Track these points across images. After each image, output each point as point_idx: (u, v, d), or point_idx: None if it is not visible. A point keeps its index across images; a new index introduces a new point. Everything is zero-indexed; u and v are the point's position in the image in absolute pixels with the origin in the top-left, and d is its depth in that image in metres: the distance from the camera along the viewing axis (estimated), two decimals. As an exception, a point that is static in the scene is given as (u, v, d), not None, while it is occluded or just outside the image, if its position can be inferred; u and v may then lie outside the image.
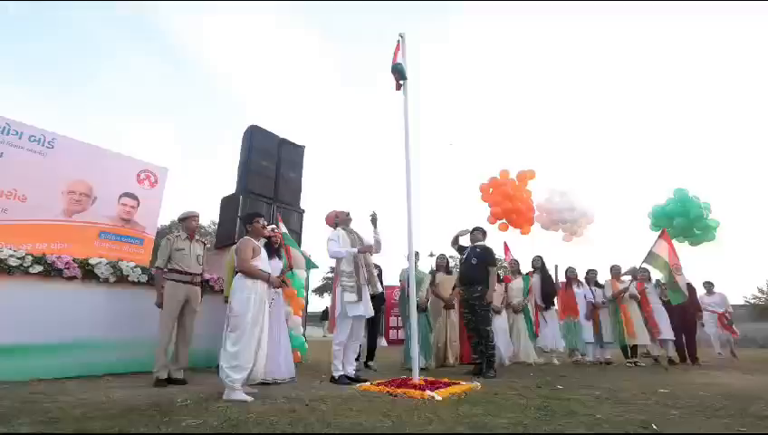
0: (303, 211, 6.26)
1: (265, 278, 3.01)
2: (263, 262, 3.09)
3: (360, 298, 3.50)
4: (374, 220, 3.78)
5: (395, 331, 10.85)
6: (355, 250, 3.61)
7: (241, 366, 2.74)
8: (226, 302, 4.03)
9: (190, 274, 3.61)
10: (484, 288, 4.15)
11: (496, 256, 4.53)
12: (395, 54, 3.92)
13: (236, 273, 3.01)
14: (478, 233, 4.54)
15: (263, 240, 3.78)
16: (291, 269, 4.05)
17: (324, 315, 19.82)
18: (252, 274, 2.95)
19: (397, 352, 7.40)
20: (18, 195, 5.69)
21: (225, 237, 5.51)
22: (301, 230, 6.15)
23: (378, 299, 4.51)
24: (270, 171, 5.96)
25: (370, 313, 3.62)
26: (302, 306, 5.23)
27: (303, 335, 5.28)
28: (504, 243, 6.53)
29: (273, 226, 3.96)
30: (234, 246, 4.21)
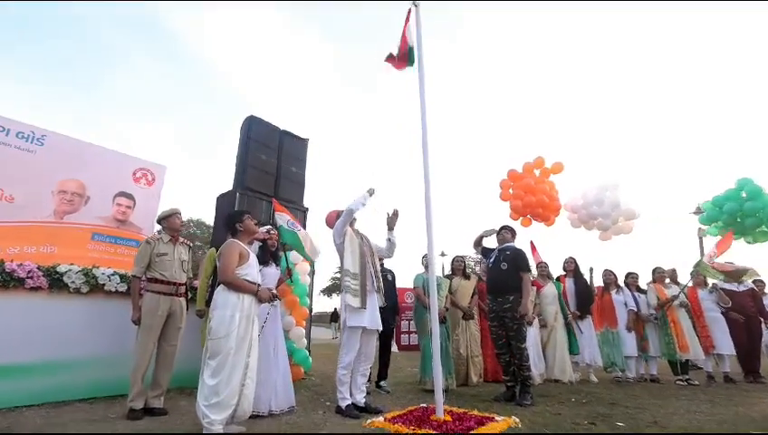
0: (307, 209, 5.70)
1: (253, 291, 2.45)
2: (252, 270, 2.53)
3: (363, 305, 2.92)
4: (392, 220, 3.22)
5: (407, 336, 10.24)
6: (367, 194, 3.09)
7: (222, 403, 2.19)
8: (199, 316, 3.49)
9: (174, 283, 3.08)
10: (518, 298, 3.52)
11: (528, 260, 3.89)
12: (404, 28, 3.33)
13: (219, 284, 2.46)
14: (507, 233, 3.90)
15: (256, 243, 3.23)
16: (290, 276, 3.49)
17: (334, 317, 19.34)
18: (237, 286, 2.40)
19: (409, 359, 6.81)
20: (5, 195, 5.31)
21: (220, 240, 4.97)
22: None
23: (390, 310, 3.93)
24: (270, 166, 5.41)
25: (378, 325, 3.04)
26: (306, 316, 4.68)
27: (308, 348, 4.73)
28: (531, 242, 5.86)
29: (269, 226, 3.40)
30: (212, 249, 3.65)
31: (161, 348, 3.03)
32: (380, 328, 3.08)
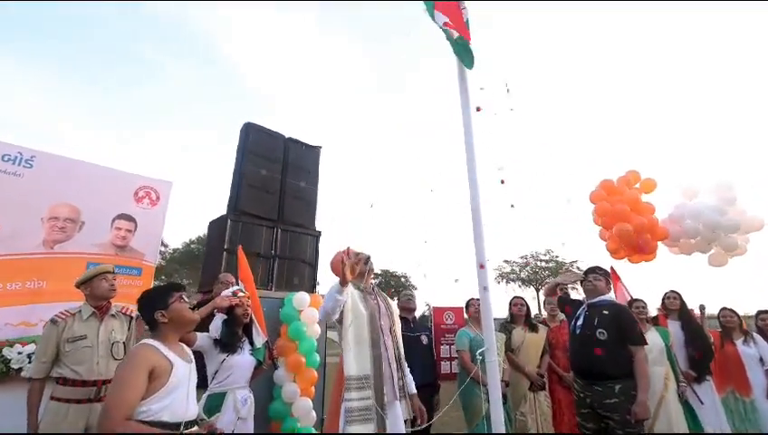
0: (320, 233, 4.64)
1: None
2: (174, 397, 1.43)
3: (382, 430, 1.77)
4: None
5: (447, 363, 8.94)
6: (336, 286, 1.86)
7: None
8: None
9: (94, 382, 2.07)
10: (629, 388, 2.19)
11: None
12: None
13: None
14: (599, 280, 2.57)
15: (219, 317, 2.16)
16: (274, 362, 2.41)
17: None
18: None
19: (448, 392, 5.53)
20: (-11, 225, 4.65)
21: (210, 278, 4.02)
22: (316, 261, 4.51)
23: (428, 389, 2.77)
24: (272, 183, 4.40)
25: None
26: (315, 380, 3.59)
27: (319, 422, 3.64)
28: (612, 269, 4.39)
29: (237, 286, 2.32)
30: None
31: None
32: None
